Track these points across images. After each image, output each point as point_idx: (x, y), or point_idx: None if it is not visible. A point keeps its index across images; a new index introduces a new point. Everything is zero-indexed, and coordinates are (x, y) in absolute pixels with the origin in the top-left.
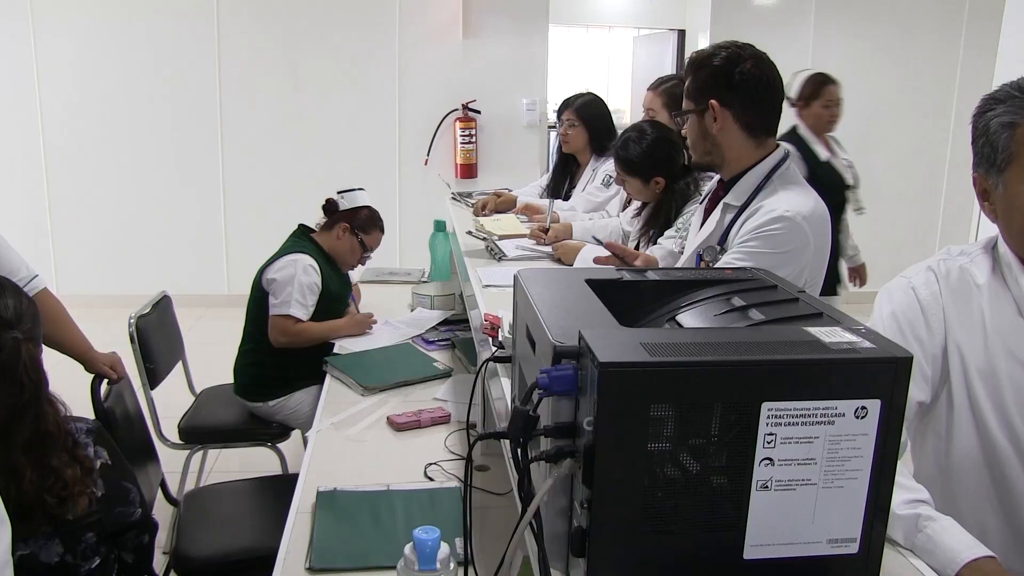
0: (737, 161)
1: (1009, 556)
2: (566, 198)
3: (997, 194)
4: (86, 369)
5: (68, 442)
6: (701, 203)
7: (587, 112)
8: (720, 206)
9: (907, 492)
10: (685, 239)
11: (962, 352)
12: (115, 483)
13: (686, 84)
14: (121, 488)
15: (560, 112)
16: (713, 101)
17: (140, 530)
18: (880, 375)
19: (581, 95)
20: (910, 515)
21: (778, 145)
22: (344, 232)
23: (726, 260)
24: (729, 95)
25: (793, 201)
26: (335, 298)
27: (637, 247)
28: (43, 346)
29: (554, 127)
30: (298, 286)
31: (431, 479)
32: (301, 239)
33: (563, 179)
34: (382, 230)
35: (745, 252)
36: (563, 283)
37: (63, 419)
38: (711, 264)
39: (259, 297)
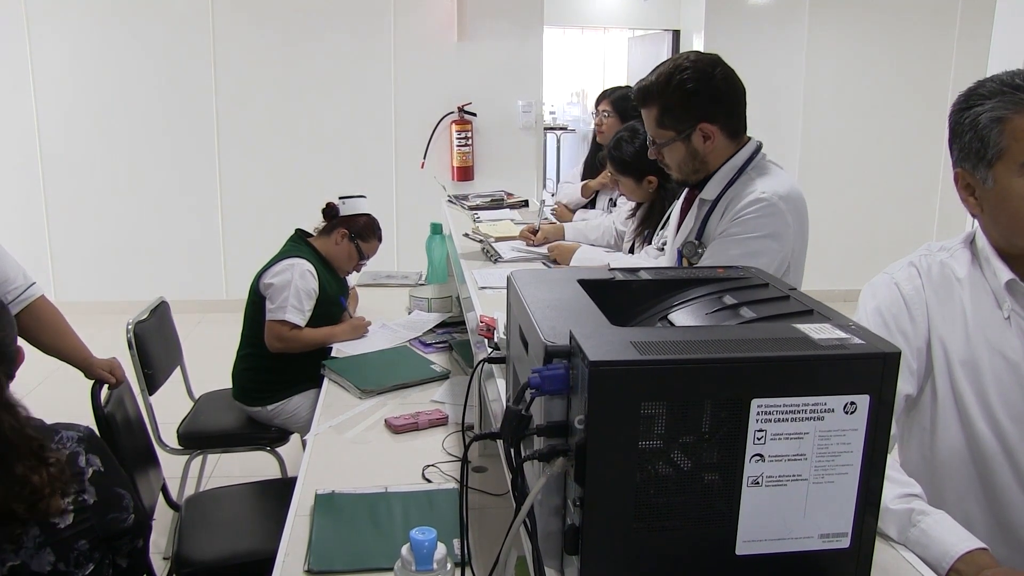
0: (718, 164)
1: (994, 546)
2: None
3: (985, 188)
4: (86, 376)
5: (33, 446)
6: (678, 199)
7: (623, 105)
8: (696, 202)
9: (900, 487)
10: None
11: (945, 345)
12: (108, 490)
13: (652, 114)
14: (114, 494)
15: (597, 103)
16: (704, 124)
17: (134, 535)
18: (869, 371)
19: (620, 88)
20: (903, 510)
21: (750, 138)
22: (342, 238)
23: (709, 253)
24: (714, 110)
25: (768, 183)
26: (332, 302)
27: (632, 248)
28: (44, 353)
29: (551, 129)
30: (295, 291)
31: (429, 481)
32: (299, 244)
33: (594, 172)
34: (380, 239)
35: (728, 241)
36: (555, 284)
37: (25, 422)
38: (691, 260)
39: (256, 302)
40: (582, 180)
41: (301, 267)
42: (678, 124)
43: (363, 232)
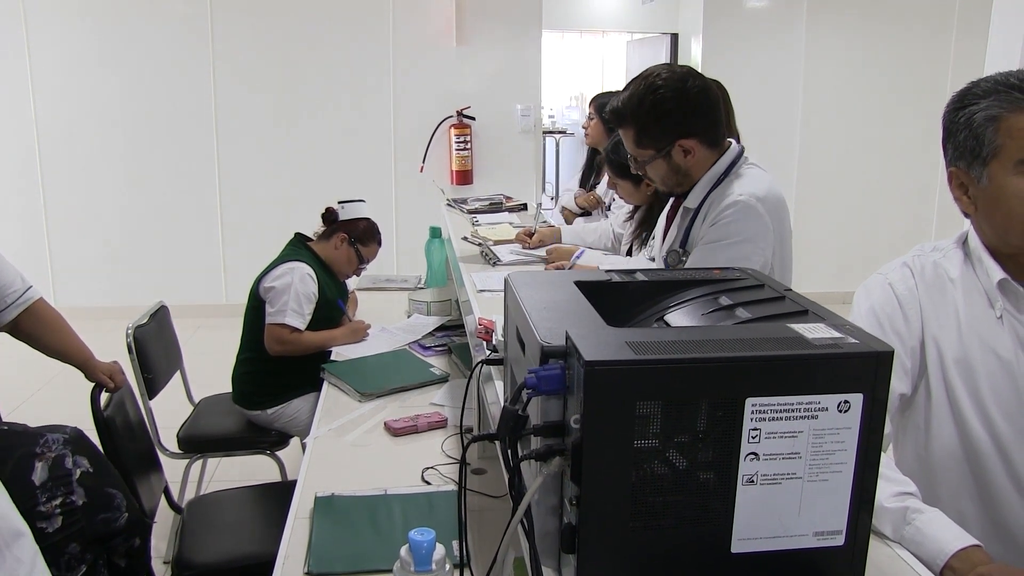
0: (702, 174)
1: (988, 544)
2: (592, 189)
3: (980, 187)
4: (86, 377)
5: None
6: (665, 208)
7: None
8: (680, 210)
9: (895, 485)
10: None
11: (939, 344)
12: (97, 490)
13: (630, 134)
14: (105, 495)
15: (590, 105)
16: (683, 140)
17: (129, 534)
18: (862, 369)
19: (606, 93)
20: (898, 508)
21: (731, 142)
22: (342, 242)
23: (690, 262)
24: (691, 126)
25: (746, 185)
26: (331, 306)
27: (630, 250)
28: (45, 354)
29: (550, 132)
30: (295, 295)
31: (428, 483)
32: (298, 248)
33: (591, 172)
34: (380, 243)
35: (707, 248)
36: (552, 285)
37: None
38: (675, 268)
39: (256, 306)
40: (580, 182)
41: (301, 271)
42: (656, 143)
43: (363, 236)
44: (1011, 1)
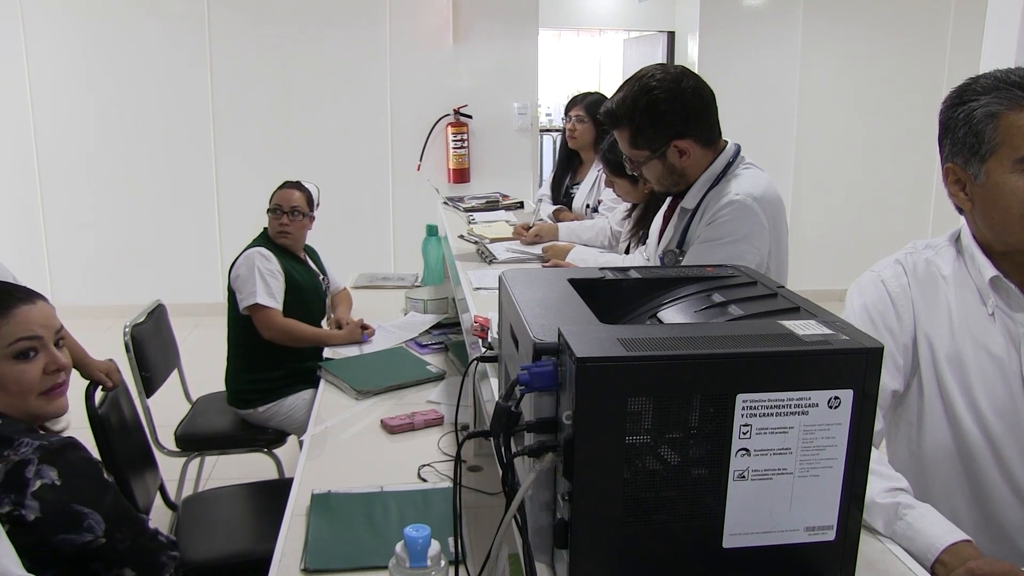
0: (698, 174)
1: (980, 539)
2: (566, 194)
3: (977, 184)
4: (82, 375)
5: None
6: (661, 208)
7: (596, 110)
8: (678, 210)
9: (886, 481)
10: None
11: (931, 341)
12: (60, 506)
13: (624, 136)
14: (70, 512)
15: (568, 108)
16: (678, 141)
17: (110, 561)
18: (852, 365)
19: (591, 93)
20: (890, 503)
21: (727, 142)
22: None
23: (687, 261)
24: (685, 125)
25: (743, 185)
26: (304, 289)
27: (628, 248)
28: None
29: (547, 131)
30: (259, 275)
31: (424, 480)
32: (259, 238)
33: (564, 175)
34: (283, 187)
35: (703, 247)
36: (546, 283)
37: None
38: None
39: (234, 300)
40: (553, 185)
41: (259, 252)
42: (651, 144)
43: (271, 198)
44: None
